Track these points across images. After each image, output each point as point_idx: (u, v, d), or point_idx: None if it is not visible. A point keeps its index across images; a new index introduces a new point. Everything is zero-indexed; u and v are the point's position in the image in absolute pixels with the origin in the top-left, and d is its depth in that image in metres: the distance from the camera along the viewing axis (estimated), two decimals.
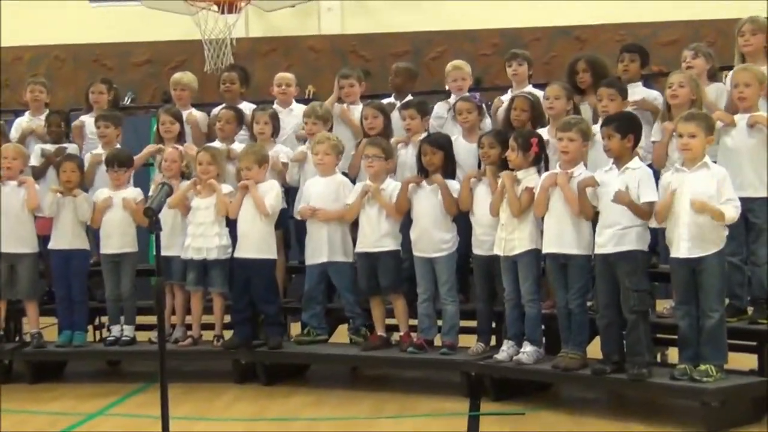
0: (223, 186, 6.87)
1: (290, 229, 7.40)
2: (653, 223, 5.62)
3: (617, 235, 5.55)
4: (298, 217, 7.00)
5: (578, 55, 7.00)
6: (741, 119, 5.87)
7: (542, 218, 5.95)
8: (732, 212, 5.37)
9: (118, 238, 7.06)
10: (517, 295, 6.06)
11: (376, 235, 6.57)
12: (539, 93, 6.79)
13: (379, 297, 6.70)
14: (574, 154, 5.84)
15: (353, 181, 6.94)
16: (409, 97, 7.33)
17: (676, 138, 5.63)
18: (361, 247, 6.69)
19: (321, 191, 6.79)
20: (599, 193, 5.69)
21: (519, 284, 6.03)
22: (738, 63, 6.26)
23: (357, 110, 7.31)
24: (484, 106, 7.04)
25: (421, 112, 6.89)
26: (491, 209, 6.19)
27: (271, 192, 6.75)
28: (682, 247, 5.38)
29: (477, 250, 6.34)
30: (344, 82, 7.43)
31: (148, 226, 4.38)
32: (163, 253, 5.27)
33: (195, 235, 6.86)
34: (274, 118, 7.23)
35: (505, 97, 7.13)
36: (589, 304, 5.91)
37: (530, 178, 6.02)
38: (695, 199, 5.34)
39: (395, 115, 7.07)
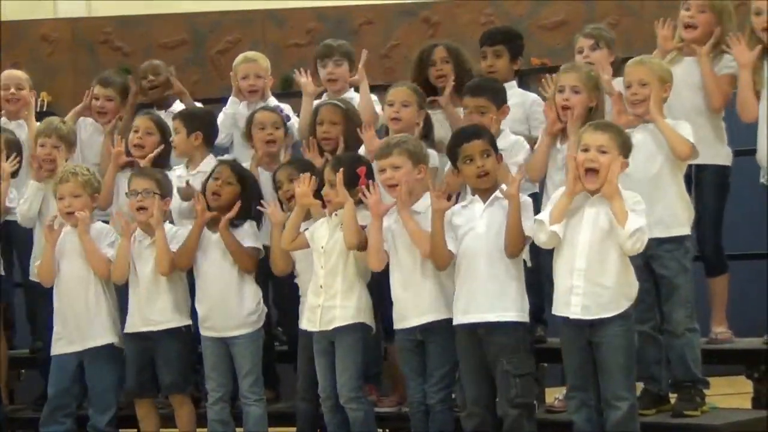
0: None
1: (11, 301, 6.89)
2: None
3: (489, 296, 5.30)
4: (37, 279, 6.35)
5: (435, 41, 6.56)
6: (638, 132, 5.48)
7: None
8: (637, 225, 5.00)
9: None
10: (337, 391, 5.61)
11: (152, 307, 6.15)
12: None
13: (150, 399, 6.23)
14: (406, 185, 5.42)
15: None
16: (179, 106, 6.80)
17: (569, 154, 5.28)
18: (130, 326, 6.19)
19: (73, 246, 6.25)
20: (459, 235, 5.36)
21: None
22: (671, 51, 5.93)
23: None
24: (293, 121, 6.51)
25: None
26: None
27: None
28: (571, 303, 5.13)
29: (301, 323, 5.87)
30: (99, 92, 6.93)
31: None
32: None
33: None
34: None
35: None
36: (453, 397, 5.57)
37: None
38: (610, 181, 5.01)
39: None
